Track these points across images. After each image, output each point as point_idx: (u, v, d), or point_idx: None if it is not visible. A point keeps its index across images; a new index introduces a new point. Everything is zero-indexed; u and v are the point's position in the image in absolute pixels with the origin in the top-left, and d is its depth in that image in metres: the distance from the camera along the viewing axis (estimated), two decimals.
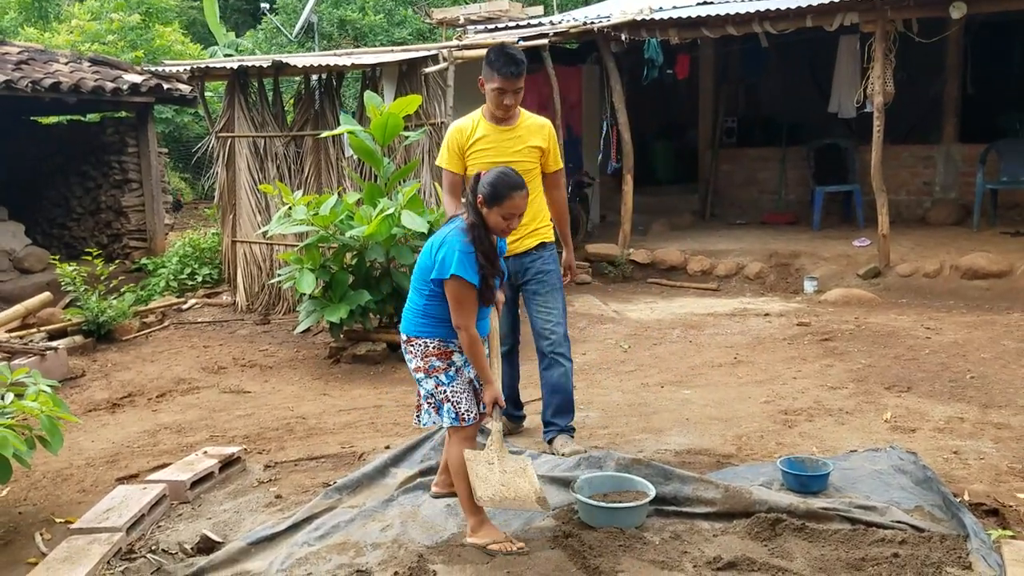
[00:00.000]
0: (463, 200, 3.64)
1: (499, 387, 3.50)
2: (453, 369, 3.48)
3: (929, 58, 9.70)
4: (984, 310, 7.43)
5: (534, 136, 4.27)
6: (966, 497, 3.62)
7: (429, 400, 3.50)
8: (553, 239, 4.46)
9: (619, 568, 3.14)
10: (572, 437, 4.40)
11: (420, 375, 3.49)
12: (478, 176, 3.43)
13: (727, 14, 8.77)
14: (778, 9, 8.55)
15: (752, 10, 8.70)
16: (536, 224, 4.33)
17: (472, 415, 3.47)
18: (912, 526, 3.34)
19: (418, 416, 3.59)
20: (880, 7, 8.07)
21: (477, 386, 3.54)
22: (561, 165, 4.43)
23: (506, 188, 3.36)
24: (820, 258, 9.03)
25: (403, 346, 3.55)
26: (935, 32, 8.37)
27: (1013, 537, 3.21)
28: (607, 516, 3.45)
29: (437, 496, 3.79)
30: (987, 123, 10.49)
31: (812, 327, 7.07)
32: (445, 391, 3.45)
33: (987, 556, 3.04)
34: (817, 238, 9.83)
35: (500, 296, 3.62)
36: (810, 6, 8.37)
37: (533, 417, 4.86)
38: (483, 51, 8.40)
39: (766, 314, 7.71)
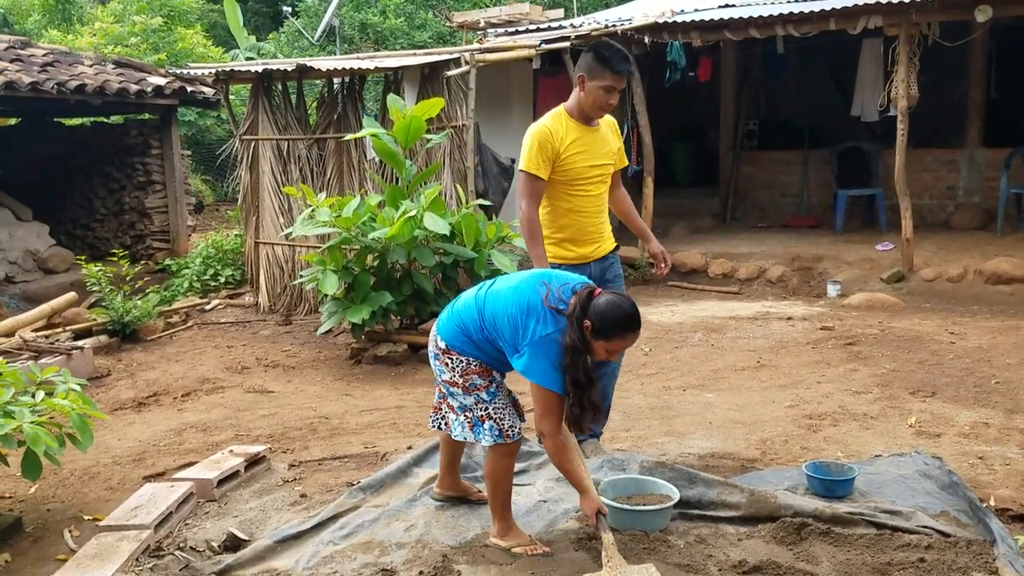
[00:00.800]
0: (569, 304, 3.12)
1: (596, 495, 3.28)
2: (494, 385, 3.33)
3: (953, 62, 9.64)
4: (1008, 315, 7.36)
5: (613, 135, 4.11)
6: (992, 502, 3.60)
7: (466, 414, 3.34)
8: None
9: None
10: (599, 442, 4.30)
11: (456, 389, 3.33)
12: (591, 294, 3.11)
13: (750, 17, 8.75)
14: (801, 12, 8.53)
15: (775, 13, 8.68)
16: (608, 226, 4.19)
17: (516, 431, 3.35)
18: (938, 531, 3.32)
19: (435, 419, 3.54)
20: (905, 10, 8.03)
21: (515, 397, 3.47)
22: (627, 162, 4.31)
23: (622, 330, 3.08)
24: (843, 262, 8.99)
25: (438, 353, 3.34)
26: (959, 35, 8.32)
27: None
28: (631, 519, 3.45)
29: (438, 499, 3.71)
30: (1011, 127, 10.40)
31: (836, 331, 7.03)
32: (488, 408, 3.31)
33: (1014, 562, 3.02)
34: (840, 242, 9.78)
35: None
36: (834, 9, 8.34)
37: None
38: (505, 54, 8.49)
39: (789, 318, 7.68)
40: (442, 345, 3.33)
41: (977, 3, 7.71)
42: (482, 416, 3.32)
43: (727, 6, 9.46)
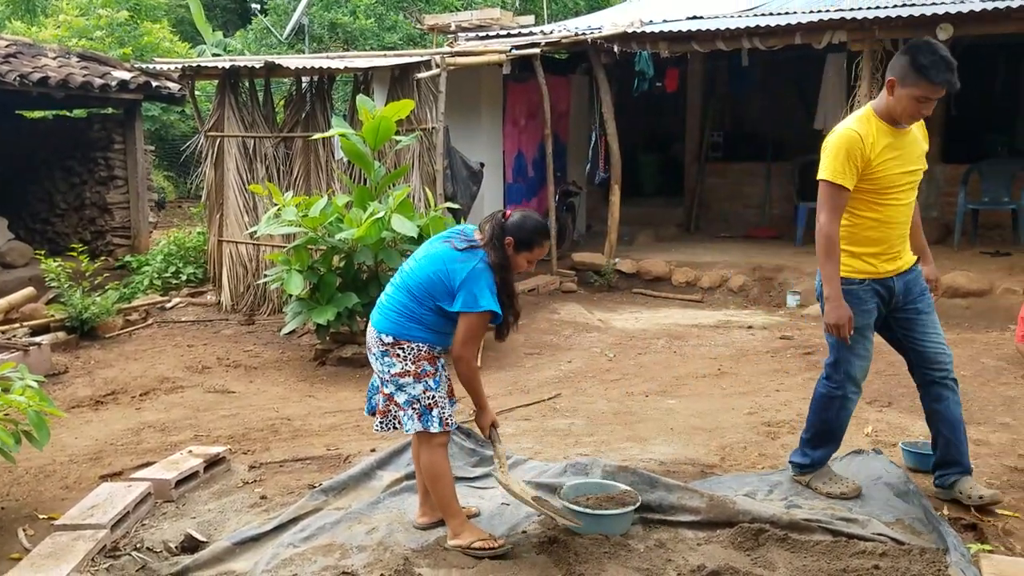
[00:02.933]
0: (482, 234, 3.42)
1: (492, 411, 3.56)
2: (439, 374, 3.45)
3: None
4: (964, 328, 7.53)
5: (923, 136, 3.73)
6: (945, 511, 3.68)
7: (413, 405, 3.39)
8: None
9: (604, 575, 3.17)
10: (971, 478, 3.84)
11: (407, 379, 3.37)
12: (503, 215, 3.43)
13: (717, 29, 8.86)
14: (767, 26, 8.65)
15: (742, 26, 8.80)
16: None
17: (452, 422, 3.48)
18: (892, 539, 3.39)
19: (384, 422, 3.52)
20: (868, 27, 8.19)
21: (451, 384, 3.59)
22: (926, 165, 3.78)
23: (540, 236, 3.43)
24: (803, 273, 9.12)
25: (385, 350, 3.40)
26: None
27: (991, 551, 3.27)
28: (593, 523, 3.48)
29: (425, 528, 3.59)
30: (970, 144, 10.65)
31: (795, 341, 7.14)
32: (434, 396, 3.40)
33: (966, 570, 3.09)
34: (800, 253, 9.92)
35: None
36: (799, 24, 8.48)
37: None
38: (476, 59, 8.51)
39: (749, 327, 7.78)
40: (388, 340, 3.42)
41: (938, 22, 7.89)
42: (429, 404, 3.41)
43: (695, 18, 9.57)
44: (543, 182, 10.11)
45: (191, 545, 3.53)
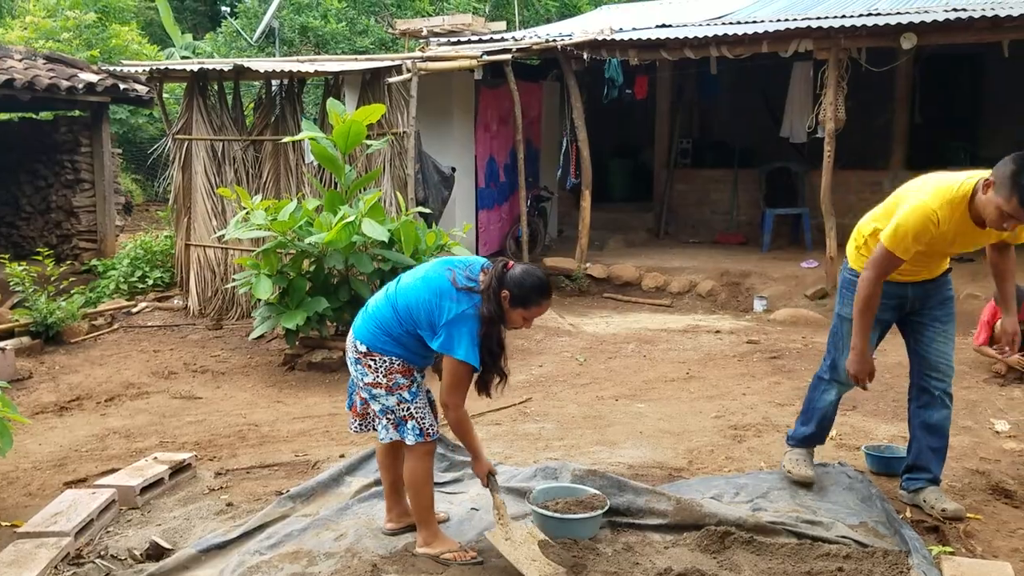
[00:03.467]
0: (479, 282, 3.26)
1: (487, 459, 3.45)
2: (415, 385, 3.39)
3: (879, 87, 9.99)
4: None
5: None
6: (908, 514, 3.74)
7: (388, 416, 3.38)
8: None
9: None
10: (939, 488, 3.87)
11: (379, 391, 3.35)
12: (504, 267, 3.28)
13: (685, 37, 8.95)
14: (735, 34, 8.75)
15: (710, 34, 8.89)
16: None
17: (435, 430, 3.43)
18: (856, 541, 3.44)
19: (361, 424, 3.54)
20: (834, 35, 8.31)
21: (432, 397, 3.52)
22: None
23: (539, 295, 3.28)
24: (770, 278, 9.23)
25: (359, 357, 3.36)
26: (886, 62, 8.64)
27: (952, 553, 3.33)
28: (561, 527, 3.49)
29: (392, 533, 3.58)
30: (933, 152, 10.83)
31: (761, 345, 7.22)
32: (409, 408, 3.36)
33: (927, 571, 3.14)
34: (767, 259, 10.04)
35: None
36: (766, 32, 8.59)
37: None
38: (448, 64, 8.51)
39: (717, 331, 7.85)
40: (363, 348, 3.37)
41: (902, 31, 8.03)
42: (404, 416, 3.38)
43: (664, 26, 9.66)
44: (515, 187, 10.14)
45: (156, 553, 3.49)
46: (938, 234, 3.40)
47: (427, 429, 3.39)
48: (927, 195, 3.40)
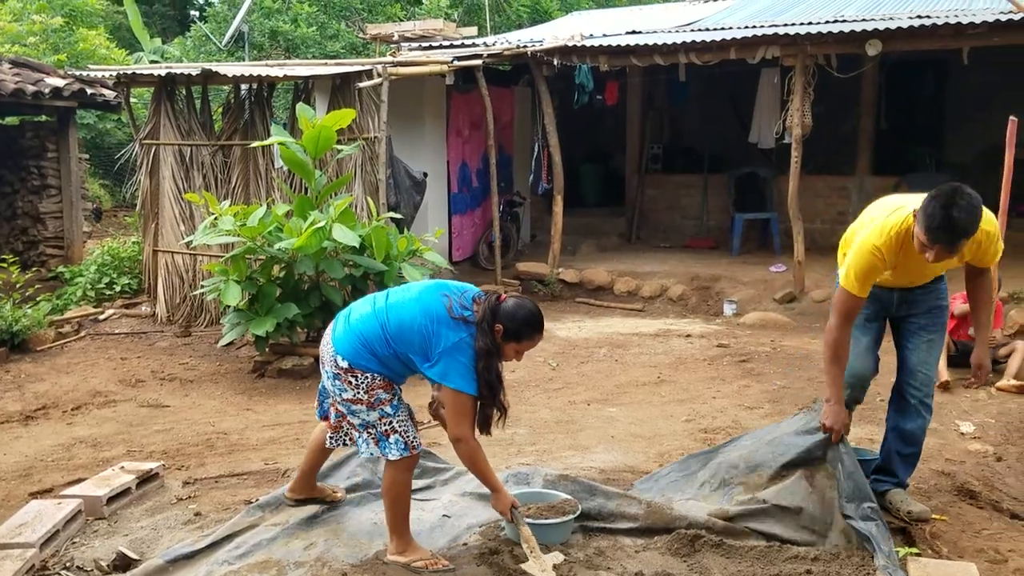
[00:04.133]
0: (473, 312, 3.24)
1: (507, 493, 3.39)
2: (397, 399, 3.35)
3: (845, 93, 10.14)
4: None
5: (968, 250, 3.41)
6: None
7: (369, 431, 3.33)
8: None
9: None
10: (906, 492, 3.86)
11: (359, 407, 3.29)
12: (497, 299, 3.26)
13: (655, 44, 9.01)
14: (703, 41, 8.84)
15: (679, 41, 8.97)
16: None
17: (419, 443, 3.40)
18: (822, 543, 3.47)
19: (338, 438, 3.51)
20: (801, 42, 8.41)
21: (412, 410, 3.49)
22: (989, 263, 3.57)
23: (531, 329, 3.27)
24: (739, 282, 9.31)
25: (339, 372, 3.28)
26: (852, 68, 8.76)
27: (918, 554, 3.37)
28: (534, 532, 3.49)
29: (290, 502, 3.71)
30: (899, 157, 11.00)
31: (731, 349, 7.28)
32: (392, 422, 3.32)
33: (893, 573, 3.19)
34: (736, 263, 10.12)
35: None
36: (734, 39, 8.68)
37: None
38: (419, 69, 8.51)
39: (688, 335, 7.90)
40: (344, 365, 3.28)
41: (867, 38, 8.14)
42: (386, 431, 3.32)
43: (634, 32, 9.73)
44: (487, 192, 10.14)
45: (123, 563, 3.45)
46: (889, 267, 3.48)
47: (411, 442, 3.35)
48: (873, 231, 3.47)
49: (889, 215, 3.48)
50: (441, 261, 7.14)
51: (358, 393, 3.28)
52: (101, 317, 8.57)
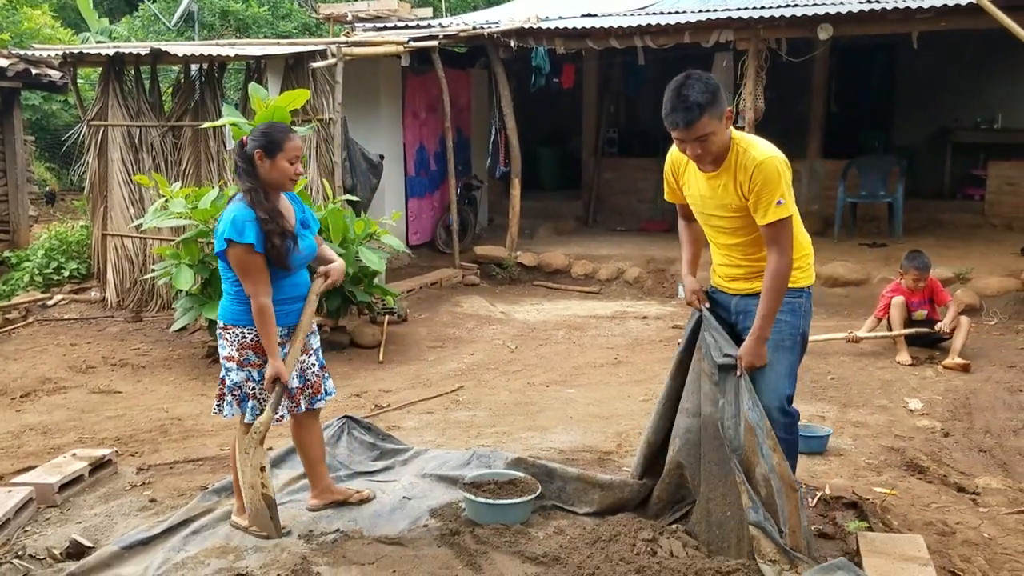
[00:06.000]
0: (236, 175, 3.39)
1: (282, 365, 3.32)
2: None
3: (797, 77, 10.25)
4: (843, 316, 7.90)
5: (735, 189, 3.22)
6: (827, 491, 3.86)
7: (234, 392, 3.40)
8: (802, 283, 3.31)
9: (503, 563, 3.20)
10: None
11: (231, 364, 3.38)
12: (243, 142, 3.33)
13: (610, 27, 9.02)
14: (659, 24, 8.87)
15: (634, 24, 8.99)
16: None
17: (280, 413, 3.41)
18: None
19: (219, 406, 3.47)
20: (754, 26, 8.49)
21: (292, 386, 3.44)
22: (772, 218, 3.11)
23: (282, 131, 3.31)
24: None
25: (221, 332, 3.42)
26: (804, 52, 8.86)
27: (869, 528, 3.45)
28: (493, 513, 3.51)
29: (316, 509, 3.66)
30: (849, 140, 11.17)
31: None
32: (255, 388, 3.38)
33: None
34: None
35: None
36: (688, 23, 8.72)
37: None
38: (374, 49, 8.41)
39: (644, 317, 7.97)
40: (220, 324, 3.43)
41: (819, 22, 8.24)
42: (249, 394, 3.39)
43: (589, 15, 9.72)
44: (445, 175, 10.10)
45: (76, 551, 3.39)
46: (677, 176, 3.54)
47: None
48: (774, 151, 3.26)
49: None
50: (399, 244, 7.10)
51: (231, 351, 3.38)
52: (49, 303, 8.38)
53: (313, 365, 3.58)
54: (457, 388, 5.79)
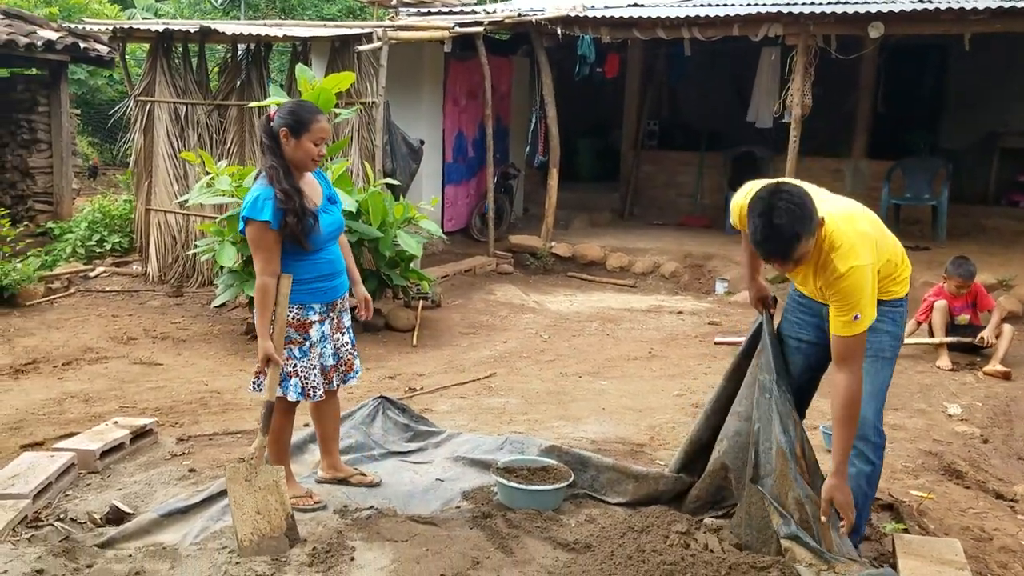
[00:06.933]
0: (261, 151, 3.39)
1: (272, 346, 3.27)
2: (308, 344, 3.42)
3: (845, 75, 10.11)
4: None
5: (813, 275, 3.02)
6: None
7: None
8: (901, 294, 3.14)
9: (534, 548, 3.21)
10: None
11: None
12: (269, 117, 3.33)
13: (658, 17, 8.96)
14: (707, 16, 8.78)
15: (682, 15, 8.91)
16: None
17: (318, 393, 3.45)
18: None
19: (256, 383, 3.46)
20: (803, 21, 8.38)
21: (327, 364, 3.50)
22: (844, 333, 2.89)
23: (310, 111, 3.32)
24: (732, 261, 9.32)
25: None
26: (853, 50, 8.74)
27: (905, 530, 3.41)
28: (526, 498, 3.52)
29: (321, 482, 3.72)
30: (895, 141, 11.00)
31: (722, 326, 7.31)
32: (296, 365, 3.41)
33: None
34: (730, 242, 10.10)
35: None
36: (738, 15, 8.63)
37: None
38: (419, 34, 8.43)
39: (679, 312, 7.93)
40: None
41: (870, 20, 8.12)
42: (290, 372, 3.39)
43: (636, 4, 9.66)
44: (482, 163, 10.10)
45: (116, 517, 3.45)
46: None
47: (308, 389, 3.44)
48: (858, 261, 2.92)
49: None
50: (436, 230, 7.12)
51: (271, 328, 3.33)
52: (91, 274, 8.53)
53: (346, 344, 3.62)
54: (490, 375, 5.80)
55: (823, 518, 2.94)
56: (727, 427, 3.43)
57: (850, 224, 2.94)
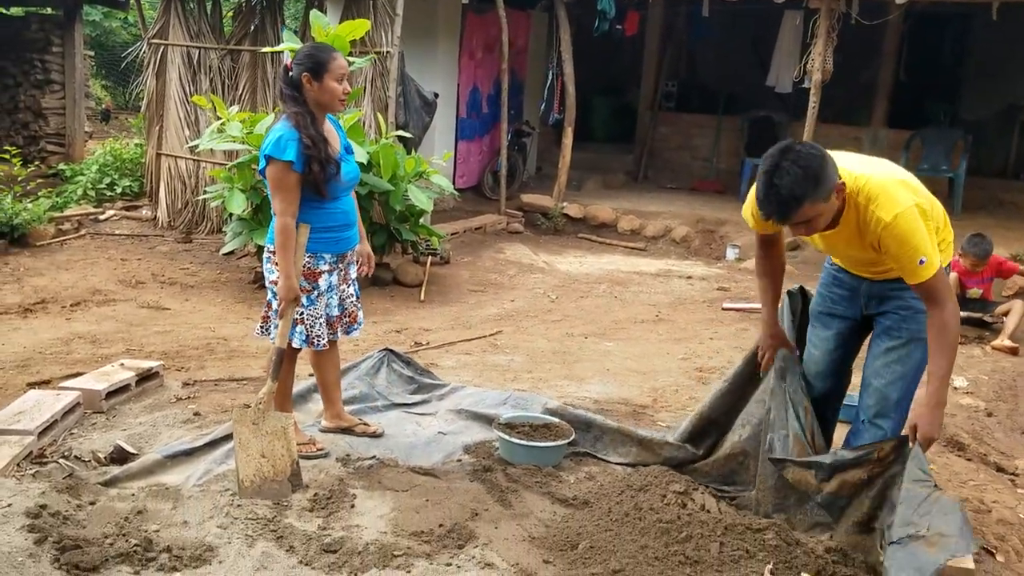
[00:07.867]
0: (282, 101, 3.35)
1: (296, 284, 3.27)
2: (316, 293, 3.42)
3: (867, 42, 9.94)
4: None
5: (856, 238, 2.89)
6: None
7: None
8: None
9: (532, 502, 3.23)
10: None
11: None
12: (287, 67, 3.31)
13: None
14: None
15: None
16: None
17: (322, 342, 3.46)
18: None
19: (263, 328, 3.49)
20: None
21: (332, 314, 3.51)
22: (919, 279, 2.75)
23: (328, 51, 3.30)
24: (743, 227, 9.23)
25: (269, 256, 3.37)
26: (876, 16, 8.57)
27: None
28: (526, 453, 3.54)
29: (324, 431, 3.75)
30: (915, 111, 10.85)
31: (731, 292, 7.28)
32: (303, 313, 3.40)
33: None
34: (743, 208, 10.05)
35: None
36: None
37: None
38: None
39: (689, 277, 7.90)
40: (268, 248, 3.39)
41: None
42: (296, 320, 3.39)
43: None
44: (496, 119, 10.01)
45: (120, 456, 3.49)
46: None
47: (313, 337, 3.44)
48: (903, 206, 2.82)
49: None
50: (447, 185, 7.08)
51: (278, 275, 3.31)
52: (101, 217, 8.54)
53: (351, 296, 3.62)
54: (496, 332, 5.81)
55: (911, 445, 2.81)
56: (749, 413, 3.39)
57: (885, 176, 2.84)
